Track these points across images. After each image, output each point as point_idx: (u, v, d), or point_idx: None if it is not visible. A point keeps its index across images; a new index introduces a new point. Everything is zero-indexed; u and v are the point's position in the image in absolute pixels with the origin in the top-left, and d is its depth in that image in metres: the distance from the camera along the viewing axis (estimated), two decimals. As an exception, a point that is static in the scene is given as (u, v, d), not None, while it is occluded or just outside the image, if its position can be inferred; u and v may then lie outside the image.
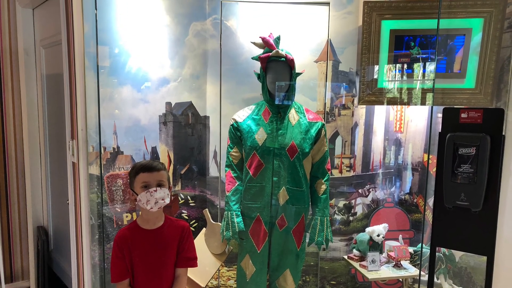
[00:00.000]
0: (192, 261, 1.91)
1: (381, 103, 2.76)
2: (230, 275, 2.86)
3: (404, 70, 2.66)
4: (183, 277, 1.88)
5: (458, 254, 2.63)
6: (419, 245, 2.79)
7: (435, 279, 2.64)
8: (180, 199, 2.76)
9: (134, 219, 1.98)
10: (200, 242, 2.42)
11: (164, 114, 2.66)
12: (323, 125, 2.28)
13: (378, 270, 2.61)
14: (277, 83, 2.19)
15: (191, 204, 2.80)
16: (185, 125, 2.74)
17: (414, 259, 2.74)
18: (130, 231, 1.83)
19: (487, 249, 1.86)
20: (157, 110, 2.63)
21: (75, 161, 2.38)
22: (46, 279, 3.14)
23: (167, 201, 1.78)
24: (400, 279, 2.75)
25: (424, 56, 2.61)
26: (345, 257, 2.81)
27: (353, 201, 2.85)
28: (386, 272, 2.62)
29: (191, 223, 2.75)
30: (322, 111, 2.72)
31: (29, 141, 3.15)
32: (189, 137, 2.77)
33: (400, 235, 2.79)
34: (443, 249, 2.66)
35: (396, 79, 2.68)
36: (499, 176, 1.81)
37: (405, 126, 2.90)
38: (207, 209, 2.52)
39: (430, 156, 2.62)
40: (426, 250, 2.51)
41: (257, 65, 2.27)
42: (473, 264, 2.54)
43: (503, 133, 1.81)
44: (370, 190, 2.87)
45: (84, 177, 2.35)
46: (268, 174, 2.20)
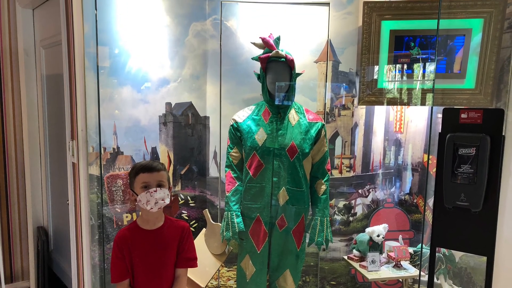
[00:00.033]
0: (192, 262, 1.91)
1: (381, 104, 2.76)
2: (230, 276, 2.86)
3: (404, 71, 2.65)
4: (183, 278, 1.88)
5: (458, 255, 2.63)
6: (419, 246, 2.79)
7: (435, 280, 2.64)
8: (180, 200, 2.76)
9: (134, 220, 1.98)
10: (200, 243, 2.42)
11: (164, 115, 2.66)
12: (323, 126, 2.27)
13: (378, 271, 2.61)
14: (277, 84, 2.19)
15: (191, 205, 2.79)
16: (185, 126, 2.74)
17: (414, 260, 2.74)
18: (130, 232, 1.83)
19: (487, 250, 1.86)
20: (157, 111, 2.63)
21: (75, 162, 2.38)
22: (46, 280, 3.14)
23: (167, 202, 1.78)
24: (400, 280, 2.75)
25: (424, 57, 2.61)
26: (345, 258, 2.81)
27: (353, 202, 2.85)
28: (386, 273, 2.62)
29: (191, 224, 2.75)
30: (322, 112, 2.72)
31: (29, 142, 3.15)
32: (189, 138, 2.77)
33: (400, 236, 2.79)
34: (443, 250, 2.66)
35: (396, 80, 2.68)
36: (499, 177, 1.81)
37: (405, 127, 2.90)
38: (207, 210, 2.52)
39: (430, 157, 2.61)
40: (426, 251, 2.51)
41: (257, 66, 2.27)
42: (473, 265, 2.54)
43: (503, 134, 1.81)
44: (370, 191, 2.87)
45: (84, 178, 2.35)
46: (268, 175, 2.20)
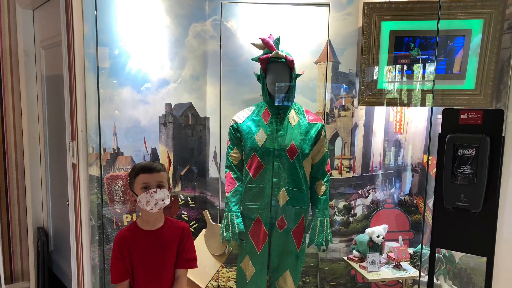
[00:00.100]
0: (192, 262, 1.91)
1: (381, 104, 2.76)
2: (230, 276, 2.86)
3: (404, 71, 2.66)
4: (183, 278, 1.88)
5: (458, 255, 2.63)
6: (419, 246, 2.79)
7: (435, 280, 2.64)
8: (180, 200, 2.76)
9: (134, 220, 1.98)
10: (200, 243, 2.42)
11: (164, 115, 2.66)
12: (323, 126, 2.27)
13: (378, 271, 2.61)
14: (277, 84, 2.19)
15: (191, 205, 2.79)
16: (185, 126, 2.74)
17: (414, 260, 2.73)
18: (130, 232, 1.83)
19: (487, 250, 1.86)
20: (157, 111, 2.63)
21: (75, 162, 2.38)
22: (46, 280, 3.14)
23: (167, 202, 1.78)
24: (400, 280, 2.75)
25: (424, 57, 2.61)
26: (345, 258, 2.81)
27: (353, 202, 2.85)
28: (386, 273, 2.62)
29: (191, 224, 2.75)
30: (322, 112, 2.72)
31: (29, 142, 3.15)
32: (189, 138, 2.77)
33: (400, 236, 2.79)
34: (443, 250, 2.66)
35: (396, 80, 2.68)
36: (499, 177, 1.81)
37: (405, 127, 2.90)
38: (207, 210, 2.52)
39: (430, 157, 2.62)
40: (426, 251, 2.51)
41: (257, 66, 2.27)
42: (473, 265, 2.54)
43: (503, 134, 1.81)
44: (370, 191, 2.87)
45: (84, 178, 2.35)
46: (268, 175, 2.20)
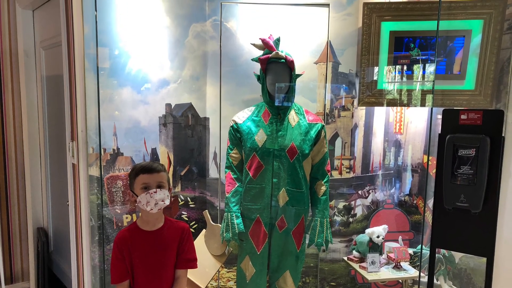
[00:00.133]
0: (192, 263, 1.91)
1: (381, 105, 2.76)
2: (230, 277, 2.86)
3: (404, 72, 2.66)
4: (183, 279, 1.88)
5: (458, 256, 2.63)
6: (419, 247, 2.79)
7: (435, 281, 2.64)
8: (180, 201, 2.76)
9: (134, 221, 1.98)
10: (200, 244, 2.42)
11: (164, 116, 2.66)
12: (323, 127, 2.27)
13: (378, 272, 2.61)
14: (277, 85, 2.19)
15: (191, 206, 2.80)
16: (185, 127, 2.74)
17: (414, 261, 2.73)
18: (130, 233, 1.83)
19: (487, 251, 1.86)
20: (157, 112, 2.63)
21: (75, 163, 2.38)
22: (46, 281, 3.14)
23: (167, 203, 1.78)
24: (400, 281, 2.75)
25: (424, 58, 2.61)
26: (345, 259, 2.82)
27: (353, 203, 2.85)
28: (386, 274, 2.62)
29: (191, 225, 2.75)
30: (322, 113, 2.72)
31: (29, 143, 3.15)
32: (189, 139, 2.77)
33: (400, 237, 2.79)
34: (443, 251, 2.66)
35: (396, 81, 2.68)
36: (499, 178, 1.81)
37: (405, 128, 2.90)
38: (207, 211, 2.52)
39: (430, 158, 2.62)
40: (426, 252, 2.51)
41: (257, 67, 2.27)
42: (473, 266, 2.54)
43: (503, 135, 1.81)
44: (370, 192, 2.87)
45: (84, 179, 2.35)
46: (268, 176, 2.20)
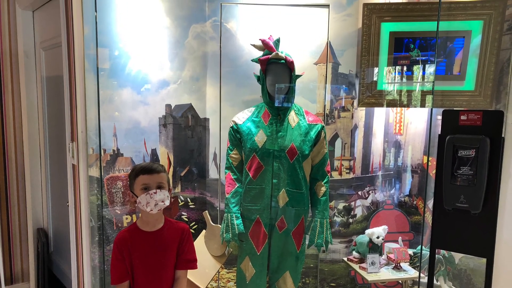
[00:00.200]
0: (192, 263, 1.91)
1: (381, 105, 2.76)
2: (230, 277, 2.86)
3: (404, 72, 2.66)
4: (183, 279, 1.88)
5: (458, 256, 2.64)
6: (419, 247, 2.79)
7: (435, 281, 2.64)
8: (180, 201, 2.76)
9: (134, 221, 1.98)
10: (200, 244, 2.42)
11: (164, 116, 2.66)
12: (323, 127, 2.27)
13: (378, 272, 2.61)
14: (277, 85, 2.19)
15: (191, 206, 2.80)
16: (185, 127, 2.74)
17: (414, 261, 2.73)
18: (130, 233, 1.83)
19: (487, 251, 1.86)
20: (157, 112, 2.63)
21: (75, 163, 2.38)
22: (46, 281, 3.14)
23: (167, 203, 1.78)
24: (400, 281, 2.75)
25: (424, 58, 2.61)
26: (345, 259, 2.82)
27: (353, 203, 2.85)
28: (386, 274, 2.62)
29: (191, 225, 2.75)
30: (322, 113, 2.73)
31: (29, 143, 3.15)
32: (189, 139, 2.77)
33: (400, 237, 2.79)
34: (443, 251, 2.66)
35: (396, 81, 2.68)
36: (499, 178, 1.81)
37: (405, 128, 2.90)
38: (207, 211, 2.52)
39: (430, 158, 2.62)
40: (426, 252, 2.51)
41: (257, 67, 2.27)
42: (473, 266, 2.54)
43: (503, 135, 1.81)
44: (370, 192, 2.87)
45: (84, 179, 2.35)
46: (268, 176, 2.20)
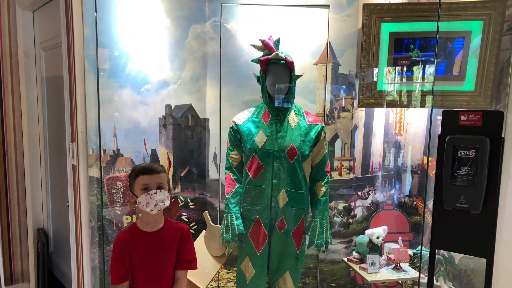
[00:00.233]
0: (192, 264, 1.91)
1: (381, 106, 2.76)
2: (230, 278, 2.86)
3: (404, 73, 2.66)
4: (183, 279, 1.88)
5: (458, 257, 2.64)
6: (419, 248, 2.79)
7: (435, 282, 2.64)
8: (180, 202, 2.76)
9: (134, 222, 1.98)
10: (200, 245, 2.42)
11: (164, 117, 2.66)
12: (323, 128, 2.28)
13: (378, 273, 2.61)
14: (277, 86, 2.19)
15: (191, 207, 2.80)
16: (185, 128, 2.74)
17: (414, 262, 2.74)
18: (130, 234, 1.83)
19: (487, 252, 1.86)
20: (157, 113, 2.63)
21: (75, 164, 2.39)
22: (46, 282, 3.14)
23: (167, 204, 1.79)
24: (400, 282, 2.75)
25: (424, 59, 2.61)
26: (345, 260, 2.82)
27: (353, 204, 2.85)
28: (386, 275, 2.62)
29: (191, 226, 2.76)
30: (322, 114, 2.73)
31: (29, 144, 3.15)
32: (189, 140, 2.77)
33: (400, 238, 2.79)
34: (443, 252, 2.66)
35: (396, 82, 2.68)
36: (499, 179, 1.81)
37: (405, 129, 2.91)
38: (207, 212, 2.52)
39: (430, 159, 2.62)
40: (426, 253, 2.51)
41: (257, 68, 2.28)
42: (473, 267, 2.54)
43: (503, 136, 1.81)
44: (370, 193, 2.87)
45: (84, 180, 2.35)
46: (268, 177, 2.20)
